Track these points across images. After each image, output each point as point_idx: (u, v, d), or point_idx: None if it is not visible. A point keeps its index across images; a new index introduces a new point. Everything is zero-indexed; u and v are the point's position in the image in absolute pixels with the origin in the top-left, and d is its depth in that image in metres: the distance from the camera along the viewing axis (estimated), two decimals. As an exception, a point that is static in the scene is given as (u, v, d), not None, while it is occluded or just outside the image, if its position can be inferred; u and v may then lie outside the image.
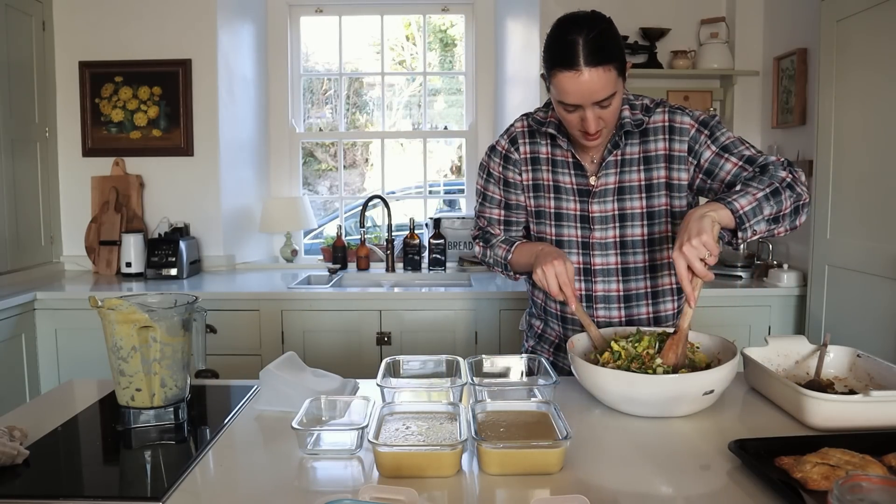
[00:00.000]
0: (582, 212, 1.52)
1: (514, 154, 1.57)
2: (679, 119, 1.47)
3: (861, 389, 1.29)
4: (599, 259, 1.52)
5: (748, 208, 1.27)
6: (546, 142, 1.55)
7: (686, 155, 1.46)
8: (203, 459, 1.11)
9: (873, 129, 2.30)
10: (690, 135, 1.46)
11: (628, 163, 1.49)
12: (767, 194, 1.30)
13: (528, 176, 1.57)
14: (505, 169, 1.58)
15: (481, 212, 1.64)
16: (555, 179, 1.54)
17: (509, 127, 1.60)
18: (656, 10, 3.31)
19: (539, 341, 1.69)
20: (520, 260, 1.54)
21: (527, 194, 1.58)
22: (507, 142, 1.58)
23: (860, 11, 2.33)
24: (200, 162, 3.30)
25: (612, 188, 1.50)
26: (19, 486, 1.02)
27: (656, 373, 1.26)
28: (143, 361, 1.23)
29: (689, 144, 1.46)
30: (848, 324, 2.45)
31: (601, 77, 1.31)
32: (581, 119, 1.37)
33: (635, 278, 1.53)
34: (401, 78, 3.96)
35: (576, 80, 1.31)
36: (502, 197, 1.60)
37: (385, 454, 1.02)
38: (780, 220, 1.32)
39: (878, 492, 0.73)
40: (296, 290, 2.85)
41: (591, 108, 1.34)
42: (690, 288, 1.24)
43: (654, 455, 1.10)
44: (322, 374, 1.41)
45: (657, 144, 1.48)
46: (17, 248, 2.97)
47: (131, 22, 3.24)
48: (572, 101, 1.34)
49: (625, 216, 1.51)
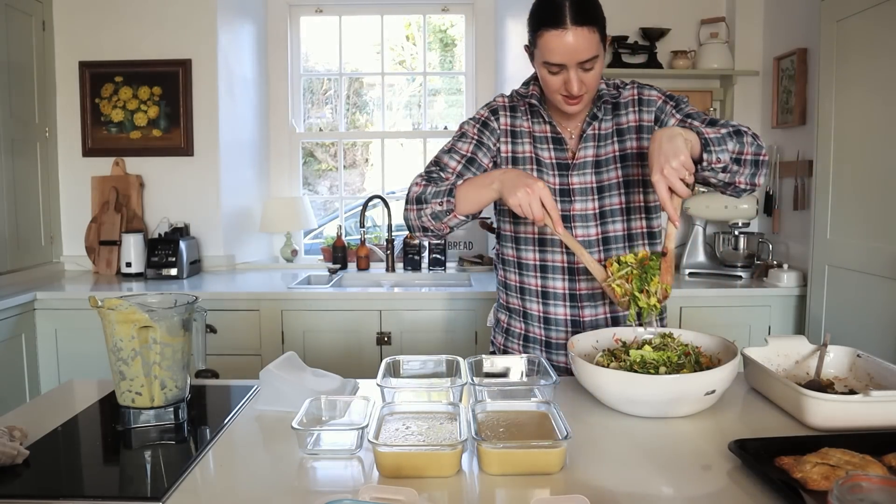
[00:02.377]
0: (562, 185, 1.55)
1: (492, 122, 1.59)
2: (647, 92, 1.55)
3: (861, 389, 1.29)
4: (581, 231, 1.55)
5: (713, 136, 1.32)
6: (527, 117, 1.58)
7: (653, 125, 1.54)
8: (203, 459, 1.11)
9: (873, 129, 2.30)
10: (657, 105, 1.54)
11: (604, 137, 1.55)
12: (731, 132, 1.36)
13: (508, 148, 1.58)
14: (481, 133, 1.58)
15: (438, 159, 1.56)
16: (536, 153, 1.56)
17: (491, 102, 1.63)
18: (656, 10, 3.31)
19: (507, 336, 1.70)
20: (471, 192, 1.40)
21: (505, 167, 1.58)
22: (487, 111, 1.60)
23: (860, 11, 2.33)
24: (200, 162, 3.30)
25: (591, 161, 1.55)
26: (19, 486, 1.02)
27: (651, 372, 1.26)
28: (143, 364, 1.23)
29: (656, 114, 1.54)
30: (848, 324, 2.45)
31: (586, 37, 1.36)
32: (564, 81, 1.41)
33: (615, 247, 1.57)
34: (401, 78, 3.96)
35: (562, 39, 1.35)
36: (468, 152, 1.55)
37: (385, 454, 1.02)
38: (741, 162, 1.36)
39: (878, 492, 0.73)
40: (296, 290, 2.85)
41: (574, 69, 1.39)
42: (672, 208, 1.28)
43: (655, 455, 1.10)
44: (322, 374, 1.41)
45: (628, 117, 1.55)
46: (17, 248, 2.97)
47: (131, 22, 3.24)
48: (557, 59, 1.38)
49: (602, 187, 1.55)
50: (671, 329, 1.46)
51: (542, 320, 1.61)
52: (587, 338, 1.46)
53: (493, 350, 1.75)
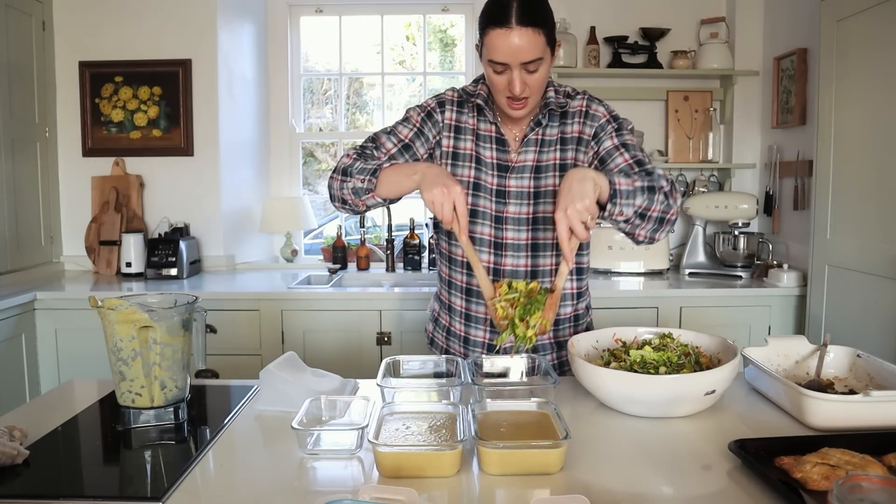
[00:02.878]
0: (499, 186, 1.55)
1: (437, 114, 1.58)
2: (594, 107, 1.55)
3: (861, 389, 1.29)
4: (511, 234, 1.56)
5: (624, 188, 1.33)
6: (473, 114, 1.58)
7: (590, 139, 1.54)
8: (203, 459, 1.11)
9: (873, 129, 2.30)
10: (600, 123, 1.54)
11: (547, 143, 1.55)
12: (645, 188, 1.36)
13: (450, 143, 1.58)
14: (424, 122, 1.58)
15: (376, 137, 1.56)
16: (477, 151, 1.56)
17: (441, 93, 1.62)
18: (656, 10, 3.31)
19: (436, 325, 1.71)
20: (393, 177, 1.41)
21: (444, 161, 1.58)
22: (435, 102, 1.60)
23: (860, 11, 2.33)
24: (200, 162, 3.30)
25: (531, 165, 1.55)
26: (19, 486, 1.02)
27: (651, 372, 1.26)
28: (143, 364, 1.23)
29: (596, 130, 1.54)
30: (848, 324, 2.45)
31: (531, 38, 1.36)
32: (508, 82, 1.41)
33: (543, 254, 1.57)
34: (401, 78, 3.96)
35: (506, 37, 1.36)
36: (406, 138, 1.55)
37: (385, 454, 1.02)
38: (644, 217, 1.37)
39: (878, 492, 0.73)
40: (296, 290, 2.85)
41: (518, 69, 1.39)
42: (569, 248, 1.29)
43: (655, 455, 1.10)
44: (322, 374, 1.41)
45: (573, 127, 1.55)
46: (17, 248, 2.97)
47: (131, 22, 3.24)
48: (501, 58, 1.38)
49: (539, 193, 1.55)
50: (671, 329, 1.47)
51: (463, 316, 1.63)
52: (587, 338, 1.46)
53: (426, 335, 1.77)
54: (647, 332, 1.48)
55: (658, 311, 2.81)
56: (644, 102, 3.38)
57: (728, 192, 3.20)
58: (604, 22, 3.29)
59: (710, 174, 3.39)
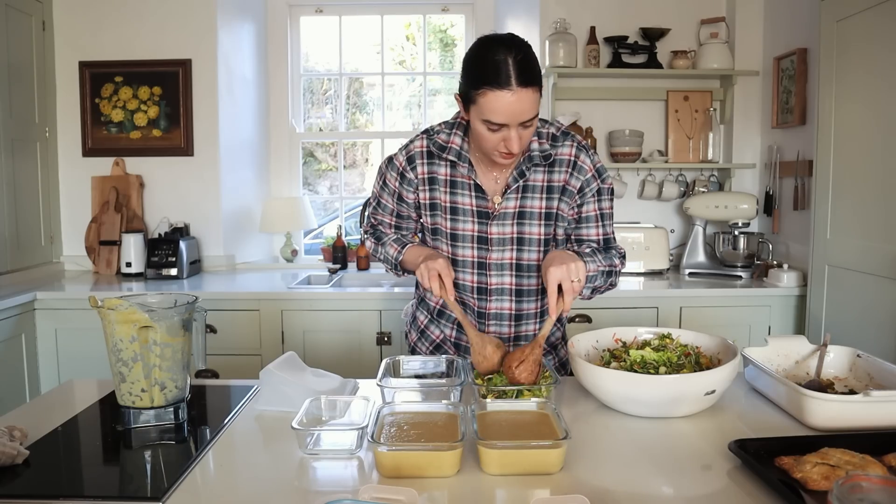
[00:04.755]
0: (480, 233, 1.53)
1: (409, 173, 1.56)
2: (582, 158, 1.53)
3: (861, 389, 1.29)
4: (495, 279, 1.55)
5: (592, 273, 1.45)
6: (445, 164, 1.54)
7: (575, 192, 1.54)
8: (203, 459, 1.11)
9: (873, 129, 2.30)
10: (586, 178, 1.53)
11: (531, 189, 1.53)
12: (604, 272, 1.50)
13: (426, 195, 1.56)
14: (400, 185, 1.58)
15: (374, 213, 1.67)
16: (452, 201, 1.54)
17: (408, 144, 1.58)
18: (656, 10, 3.31)
19: (421, 337, 1.70)
20: (408, 261, 1.57)
21: (424, 212, 1.58)
22: (404, 159, 1.56)
23: (860, 11, 2.32)
24: (200, 162, 3.30)
25: (512, 212, 1.53)
26: (19, 486, 1.02)
27: (651, 372, 1.26)
28: (143, 366, 1.23)
29: (582, 185, 1.53)
30: (848, 324, 2.45)
31: (530, 98, 1.33)
32: (503, 139, 1.38)
33: (528, 299, 1.58)
34: (401, 78, 3.96)
35: (507, 100, 1.32)
36: (394, 208, 1.61)
37: (385, 454, 1.02)
38: (593, 292, 1.53)
39: (878, 492, 0.73)
40: (296, 290, 2.85)
41: (515, 128, 1.36)
42: (555, 305, 1.31)
43: (655, 455, 1.10)
44: (322, 374, 1.41)
45: (560, 176, 1.53)
46: (17, 248, 2.97)
47: (131, 22, 3.24)
48: (500, 120, 1.34)
49: (522, 240, 1.54)
50: (670, 329, 1.47)
51: (453, 344, 1.64)
52: (587, 338, 1.46)
53: (407, 344, 1.76)
54: (647, 332, 1.48)
55: (658, 311, 2.81)
56: (644, 102, 3.38)
57: (728, 192, 3.20)
58: (604, 22, 3.29)
59: (710, 174, 3.39)
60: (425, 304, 1.70)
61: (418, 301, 1.74)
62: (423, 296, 1.71)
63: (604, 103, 3.33)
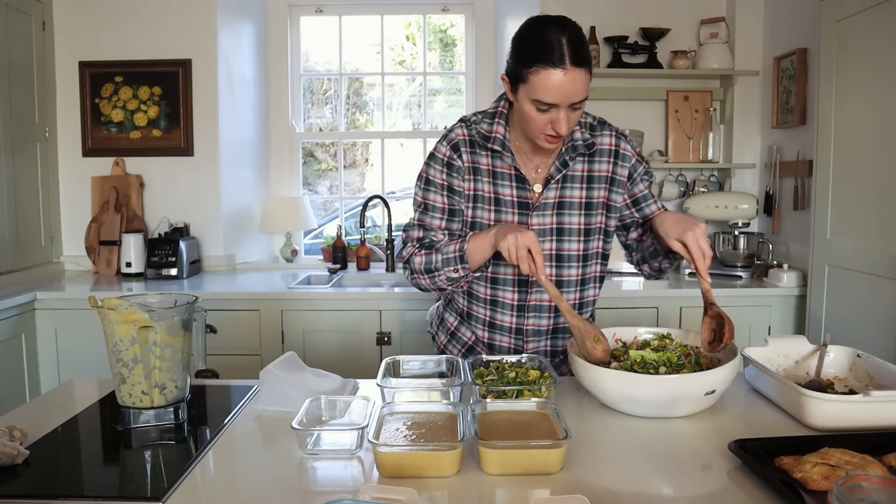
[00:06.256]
0: (521, 224, 1.52)
1: (456, 161, 1.53)
2: (623, 146, 1.55)
3: (861, 389, 1.29)
4: None
5: None
6: (487, 153, 1.53)
7: (625, 180, 1.55)
8: (203, 459, 1.11)
9: (873, 129, 2.30)
10: (632, 163, 1.55)
11: (570, 179, 1.52)
12: None
13: (470, 185, 1.54)
14: (449, 176, 1.53)
15: (421, 221, 1.56)
16: (495, 191, 1.53)
17: (448, 133, 1.55)
18: (656, 10, 3.31)
19: (451, 339, 1.69)
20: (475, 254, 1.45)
21: (466, 204, 1.55)
22: (448, 149, 1.53)
23: (860, 11, 2.32)
24: (200, 162, 3.30)
25: (553, 202, 1.52)
26: (19, 486, 1.02)
27: (651, 372, 1.26)
28: (144, 368, 1.22)
29: (629, 171, 1.55)
30: (848, 324, 2.45)
31: (582, 79, 1.33)
32: (551, 121, 1.37)
33: (566, 290, 1.57)
34: (401, 78, 3.96)
35: (559, 79, 1.31)
36: (445, 205, 1.54)
37: (385, 454, 1.02)
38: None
39: (878, 492, 0.73)
40: (296, 290, 2.85)
41: (564, 110, 1.36)
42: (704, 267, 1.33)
43: (654, 455, 1.10)
44: (322, 374, 1.41)
45: (601, 166, 1.54)
46: (17, 248, 2.97)
47: (131, 22, 3.24)
48: (552, 99, 1.34)
49: (562, 230, 1.53)
50: (669, 329, 1.47)
51: (486, 324, 1.61)
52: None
53: (435, 346, 1.74)
54: (647, 332, 1.48)
55: (658, 311, 2.81)
56: (644, 102, 3.38)
57: (728, 192, 3.20)
58: (604, 22, 3.29)
59: (710, 174, 3.39)
60: (454, 306, 1.68)
61: (445, 302, 1.71)
62: (450, 297, 1.68)
63: (604, 103, 3.33)
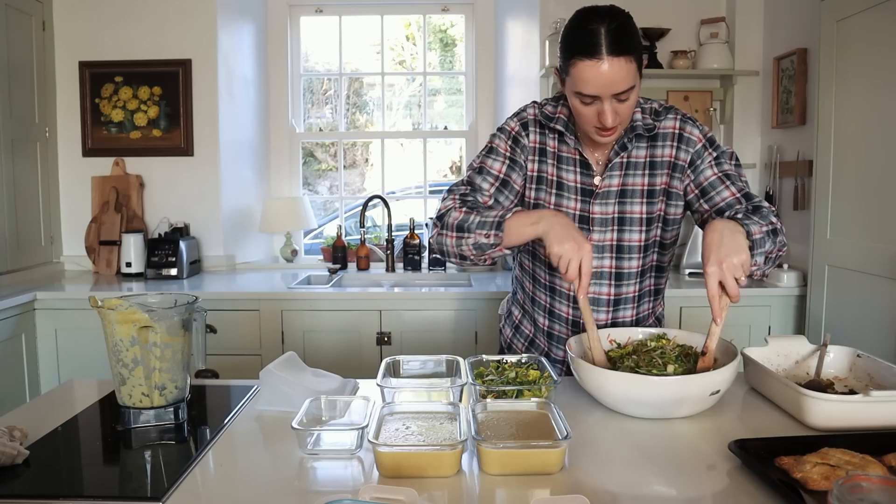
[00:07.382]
0: (582, 212, 1.49)
1: (523, 139, 1.50)
2: (689, 129, 1.46)
3: (861, 389, 1.29)
4: (595, 262, 1.48)
5: (758, 237, 1.27)
6: (554, 136, 1.51)
7: (686, 166, 1.46)
8: (203, 459, 1.11)
9: (873, 129, 2.30)
10: (696, 148, 1.45)
11: (633, 165, 1.47)
12: (769, 232, 1.31)
13: (534, 167, 1.51)
14: (513, 150, 1.50)
15: (471, 180, 1.49)
16: (559, 175, 1.50)
17: (520, 111, 1.54)
18: (656, 10, 3.31)
19: (515, 333, 1.67)
20: (516, 227, 1.34)
21: (528, 185, 1.52)
22: (518, 125, 1.51)
23: (860, 11, 2.32)
24: (200, 162, 3.30)
25: (615, 190, 1.47)
26: (19, 486, 1.02)
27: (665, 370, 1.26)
28: (144, 369, 1.22)
29: (692, 157, 1.45)
30: (848, 324, 2.45)
31: (622, 68, 1.28)
32: (597, 113, 1.34)
33: (627, 283, 1.51)
34: (401, 78, 3.96)
35: (596, 70, 1.28)
36: (501, 173, 1.49)
37: (385, 454, 1.02)
38: (767, 261, 1.32)
39: (878, 492, 0.73)
40: (296, 290, 2.85)
41: (608, 101, 1.31)
42: (719, 305, 1.24)
43: (654, 455, 1.10)
44: (322, 374, 1.41)
45: (664, 150, 1.46)
46: (17, 248, 2.97)
47: (131, 22, 3.24)
48: (591, 91, 1.31)
49: (624, 220, 1.48)
50: (667, 329, 1.47)
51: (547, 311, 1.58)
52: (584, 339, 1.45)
53: (501, 341, 1.73)
54: (642, 332, 1.48)
55: (658, 311, 2.81)
56: (644, 102, 3.38)
57: (728, 192, 3.20)
58: (604, 22, 3.28)
59: (710, 174, 3.39)
60: (518, 297, 1.66)
61: (513, 294, 1.70)
62: (515, 290, 1.66)
63: (604, 103, 3.33)
